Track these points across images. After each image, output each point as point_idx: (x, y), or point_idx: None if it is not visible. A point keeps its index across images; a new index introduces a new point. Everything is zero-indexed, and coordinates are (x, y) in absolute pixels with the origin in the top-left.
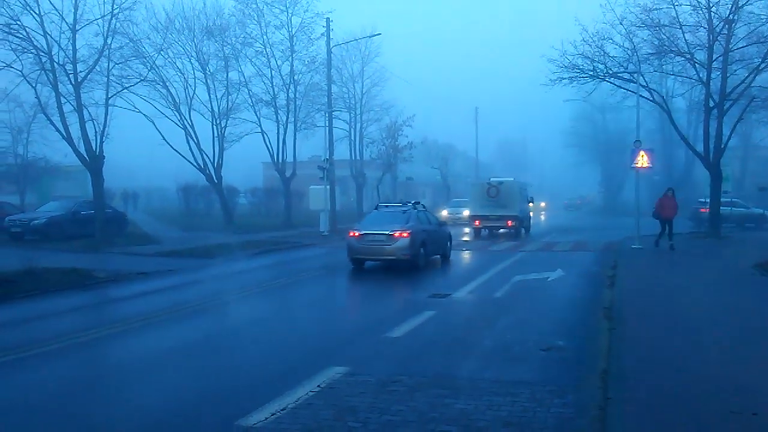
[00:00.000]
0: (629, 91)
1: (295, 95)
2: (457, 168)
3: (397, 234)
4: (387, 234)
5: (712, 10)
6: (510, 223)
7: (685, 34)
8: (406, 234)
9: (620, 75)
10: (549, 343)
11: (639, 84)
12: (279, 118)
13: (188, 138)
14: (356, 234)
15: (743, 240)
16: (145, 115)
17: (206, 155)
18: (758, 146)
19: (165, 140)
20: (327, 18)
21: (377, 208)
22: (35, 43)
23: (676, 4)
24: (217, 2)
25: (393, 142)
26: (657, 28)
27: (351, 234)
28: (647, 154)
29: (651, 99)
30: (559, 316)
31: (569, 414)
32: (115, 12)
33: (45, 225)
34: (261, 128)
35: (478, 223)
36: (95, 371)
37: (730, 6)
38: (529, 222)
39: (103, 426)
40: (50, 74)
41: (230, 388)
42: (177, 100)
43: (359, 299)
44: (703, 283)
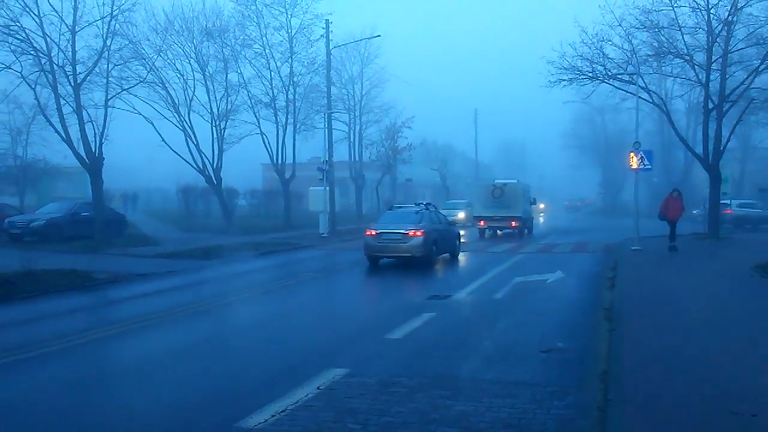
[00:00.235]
0: (628, 93)
1: (295, 97)
2: (457, 169)
3: (412, 233)
4: (402, 233)
5: (711, 12)
6: (514, 224)
7: (684, 36)
8: (420, 233)
9: (619, 77)
10: (549, 345)
11: (638, 86)
12: (278, 120)
13: (188, 139)
14: (373, 233)
15: (743, 241)
16: (145, 117)
17: (206, 157)
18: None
19: (164, 142)
20: (326, 19)
21: (391, 209)
22: (35, 45)
23: (675, 6)
24: (217, 4)
25: (392, 144)
26: (656, 30)
27: (368, 233)
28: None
29: (650, 101)
30: (559, 318)
31: (570, 415)
32: (115, 14)
33: (44, 226)
34: (260, 130)
35: (483, 224)
36: (95, 372)
37: (729, 8)
38: (532, 222)
39: (103, 427)
40: (50, 76)
41: (230, 390)
42: (176, 102)
43: (359, 301)
44: (703, 285)
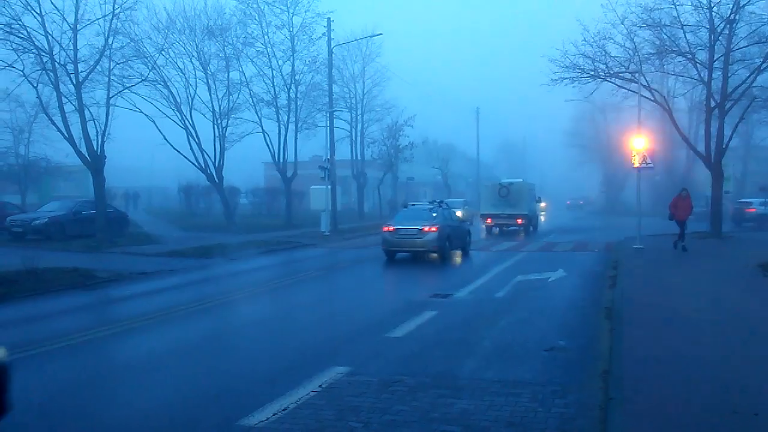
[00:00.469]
0: (630, 91)
1: (296, 95)
2: (458, 168)
3: (427, 229)
4: (418, 229)
5: (714, 10)
6: (520, 221)
7: (687, 34)
8: (435, 229)
9: (621, 75)
10: (550, 344)
11: (640, 84)
12: (280, 118)
13: (189, 138)
14: (390, 228)
15: (745, 240)
16: (147, 115)
17: (207, 155)
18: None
19: (166, 140)
20: (328, 18)
21: (406, 206)
22: (36, 43)
23: (678, 4)
24: (218, 2)
25: (394, 142)
26: (658, 28)
27: (385, 229)
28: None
29: (652, 99)
30: (561, 317)
31: (571, 414)
32: (116, 12)
33: (46, 225)
34: (262, 128)
35: (490, 221)
36: (96, 371)
37: (731, 6)
38: (537, 220)
39: (105, 425)
40: (51, 74)
41: (232, 388)
42: (178, 100)
43: (360, 299)
44: (705, 283)
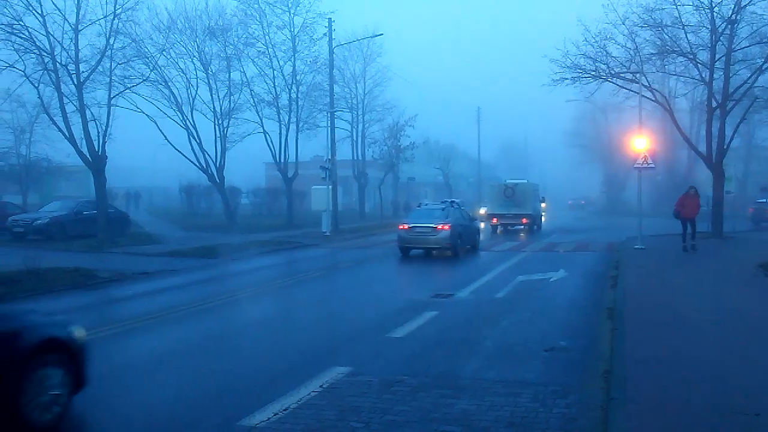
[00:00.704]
0: (631, 92)
1: (297, 95)
2: (459, 168)
3: (440, 227)
4: (432, 227)
5: (715, 11)
6: (524, 221)
7: (688, 35)
8: (447, 227)
9: (622, 75)
10: (552, 344)
11: (641, 84)
12: (281, 119)
13: (190, 138)
14: (406, 227)
15: (746, 240)
16: (148, 116)
17: (208, 155)
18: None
19: (167, 140)
20: (329, 18)
21: (420, 206)
22: (38, 44)
23: (679, 5)
24: (220, 2)
25: (395, 143)
26: (659, 28)
27: (401, 227)
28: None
29: (653, 99)
30: (562, 317)
31: (572, 414)
32: (118, 12)
33: (48, 225)
34: (263, 128)
35: (496, 221)
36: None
37: (733, 6)
38: (541, 220)
39: (104, 426)
40: (53, 74)
41: (233, 388)
42: (179, 101)
43: (362, 299)
44: (706, 283)
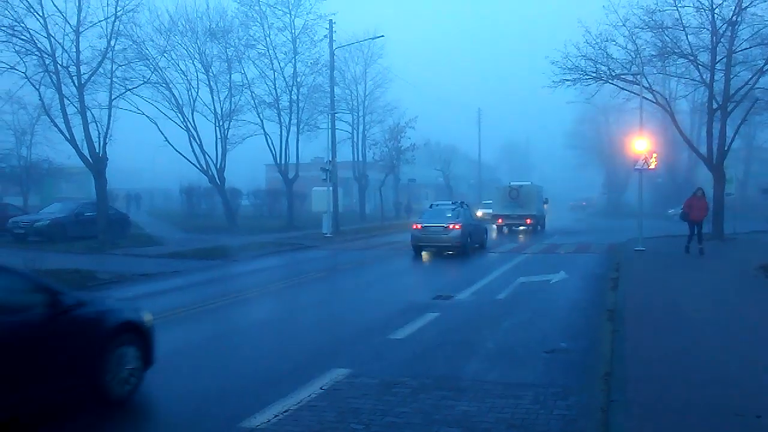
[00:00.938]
0: (632, 93)
1: (298, 97)
2: (460, 170)
3: (451, 226)
4: (444, 226)
5: (715, 12)
6: (529, 221)
7: (689, 36)
8: (458, 226)
9: (623, 77)
10: (552, 345)
11: (642, 86)
12: (282, 120)
13: (191, 140)
14: (419, 226)
15: (747, 241)
16: (148, 117)
17: (209, 157)
18: (761, 148)
19: (168, 142)
20: (330, 20)
21: (431, 207)
22: (39, 45)
23: (680, 6)
24: (220, 4)
25: (396, 144)
26: (660, 30)
27: (414, 226)
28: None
29: (654, 101)
30: (563, 318)
31: (573, 416)
32: (119, 14)
33: (48, 226)
34: (264, 130)
35: (501, 221)
36: None
37: (734, 8)
38: (544, 220)
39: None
40: (54, 76)
41: (233, 389)
42: (180, 102)
43: (362, 301)
44: (707, 285)
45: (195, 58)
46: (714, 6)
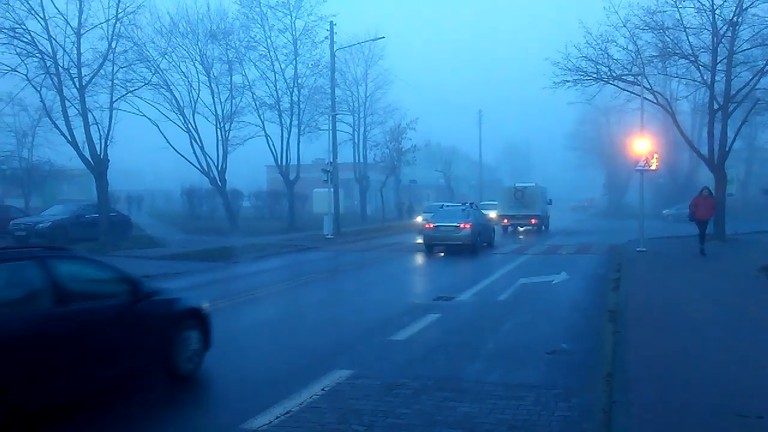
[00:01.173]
0: (633, 94)
1: (299, 98)
2: (461, 171)
3: (462, 225)
4: (455, 225)
5: (716, 13)
6: (533, 221)
7: (689, 37)
8: (468, 226)
9: (624, 77)
10: (554, 346)
11: (643, 86)
12: (283, 122)
13: (192, 141)
14: (431, 225)
15: (748, 242)
16: (150, 119)
17: (210, 159)
18: (763, 149)
19: (169, 144)
20: (330, 21)
21: (442, 207)
22: (40, 47)
23: (680, 7)
24: (221, 6)
25: (396, 145)
26: (661, 31)
27: (426, 226)
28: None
29: (655, 101)
30: (564, 319)
31: (574, 417)
32: (120, 16)
33: (50, 228)
34: (265, 131)
35: (506, 221)
36: None
37: (734, 8)
38: (548, 220)
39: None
40: (55, 78)
41: (234, 391)
42: (181, 104)
43: (363, 302)
44: (708, 286)
45: (196, 60)
46: (715, 7)
